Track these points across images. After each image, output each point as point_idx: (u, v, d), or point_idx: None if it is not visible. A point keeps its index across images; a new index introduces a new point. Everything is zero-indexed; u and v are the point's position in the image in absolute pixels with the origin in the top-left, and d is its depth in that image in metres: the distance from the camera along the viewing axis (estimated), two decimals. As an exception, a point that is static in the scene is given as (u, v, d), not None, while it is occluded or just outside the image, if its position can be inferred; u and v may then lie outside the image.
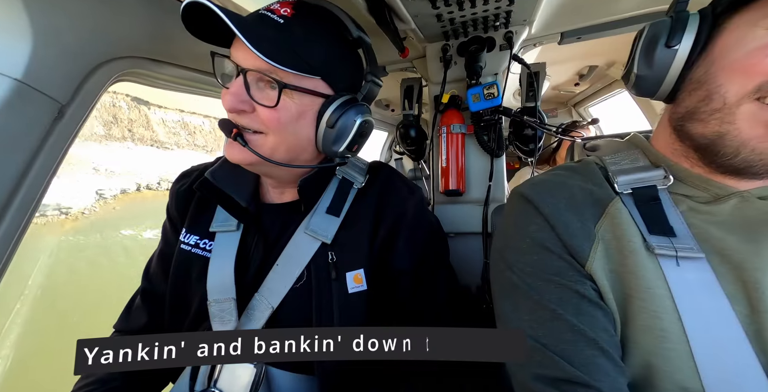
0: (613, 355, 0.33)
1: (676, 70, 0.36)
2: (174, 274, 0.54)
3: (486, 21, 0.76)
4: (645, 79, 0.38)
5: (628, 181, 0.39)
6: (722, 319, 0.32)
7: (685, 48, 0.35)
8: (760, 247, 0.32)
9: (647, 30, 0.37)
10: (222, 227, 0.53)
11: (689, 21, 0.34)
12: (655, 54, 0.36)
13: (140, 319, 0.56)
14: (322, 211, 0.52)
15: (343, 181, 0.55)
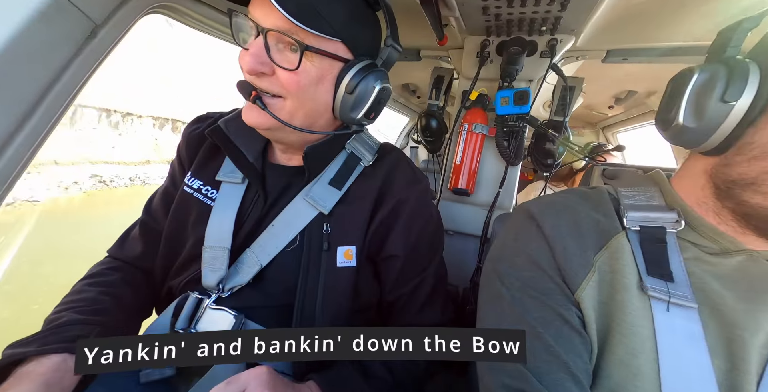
0: (582, 381, 0.35)
1: (728, 127, 0.33)
2: (173, 214, 0.57)
3: (532, 23, 0.76)
4: (689, 131, 0.36)
5: (639, 218, 0.39)
6: (699, 370, 0.33)
7: (743, 104, 0.32)
8: (755, 308, 0.34)
9: (698, 76, 0.35)
10: (228, 177, 0.55)
11: (750, 73, 0.32)
12: (708, 107, 0.34)
13: (135, 249, 0.60)
14: (325, 182, 0.54)
15: (351, 156, 0.56)
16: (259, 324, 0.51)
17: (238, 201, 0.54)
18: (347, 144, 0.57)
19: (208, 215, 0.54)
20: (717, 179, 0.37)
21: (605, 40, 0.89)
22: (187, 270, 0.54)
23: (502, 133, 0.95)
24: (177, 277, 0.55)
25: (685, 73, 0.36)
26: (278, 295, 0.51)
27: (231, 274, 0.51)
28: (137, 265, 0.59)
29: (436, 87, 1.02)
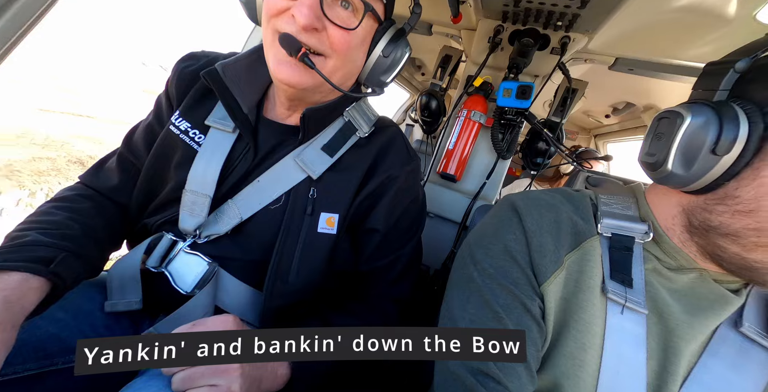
0: (531, 366, 0.39)
1: (713, 176, 0.35)
2: (156, 153, 0.56)
3: (550, 16, 0.77)
4: (676, 176, 0.37)
5: (612, 225, 0.43)
6: (634, 369, 0.38)
7: (731, 157, 0.33)
8: (694, 321, 0.39)
9: (689, 123, 0.35)
10: (218, 124, 0.54)
11: (741, 124, 0.32)
12: (698, 158, 0.34)
13: (110, 180, 0.59)
14: (318, 146, 0.54)
15: (347, 125, 0.56)
16: (233, 275, 0.53)
17: (226, 151, 0.54)
18: (345, 112, 0.56)
19: (193, 159, 0.54)
20: (693, 218, 0.39)
21: (617, 46, 0.91)
22: (164, 211, 0.55)
23: (498, 125, 0.97)
24: (153, 216, 0.56)
25: (675, 116, 0.36)
26: (255, 250, 0.53)
27: (209, 222, 0.52)
28: (111, 197, 0.59)
29: (442, 66, 1.02)
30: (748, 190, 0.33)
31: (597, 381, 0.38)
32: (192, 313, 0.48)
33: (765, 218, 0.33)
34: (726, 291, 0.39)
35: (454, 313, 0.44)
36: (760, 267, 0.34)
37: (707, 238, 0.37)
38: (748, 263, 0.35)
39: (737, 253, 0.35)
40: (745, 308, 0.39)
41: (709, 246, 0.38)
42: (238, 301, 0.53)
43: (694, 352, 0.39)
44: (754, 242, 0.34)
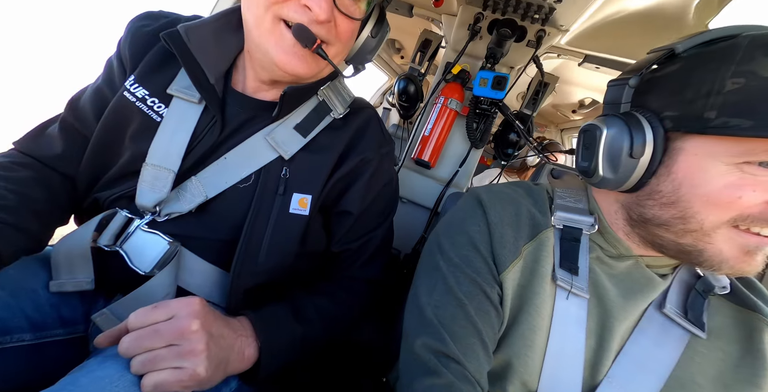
0: (489, 347, 0.43)
1: (637, 176, 0.40)
2: (107, 120, 0.52)
3: (528, 8, 0.80)
4: (608, 180, 0.42)
5: (563, 218, 0.48)
6: (574, 347, 0.43)
7: (646, 158, 0.39)
8: (628, 303, 0.45)
9: (606, 133, 0.41)
10: (183, 94, 0.51)
11: (646, 131, 0.38)
12: (621, 162, 0.40)
13: (52, 148, 0.54)
14: (290, 126, 0.53)
15: (321, 105, 0.56)
16: (197, 254, 0.51)
17: (192, 123, 0.51)
18: (320, 91, 0.56)
19: (153, 130, 0.50)
20: (631, 212, 0.44)
21: (587, 43, 0.97)
22: (119, 185, 0.52)
23: (473, 114, 1.00)
24: (106, 190, 0.52)
25: (595, 129, 0.42)
26: (222, 230, 0.51)
27: (171, 200, 0.50)
28: (54, 167, 0.54)
29: (421, 50, 1.02)
30: (667, 185, 0.39)
31: (543, 359, 0.43)
32: (152, 294, 0.46)
33: (685, 207, 0.38)
34: (655, 276, 0.45)
35: (420, 300, 0.47)
36: (692, 251, 0.39)
37: (646, 229, 0.43)
38: (683, 247, 0.40)
39: (672, 240, 0.40)
40: (669, 292, 0.45)
41: (649, 236, 0.43)
42: (203, 282, 0.52)
43: (626, 330, 0.44)
44: (682, 229, 0.39)
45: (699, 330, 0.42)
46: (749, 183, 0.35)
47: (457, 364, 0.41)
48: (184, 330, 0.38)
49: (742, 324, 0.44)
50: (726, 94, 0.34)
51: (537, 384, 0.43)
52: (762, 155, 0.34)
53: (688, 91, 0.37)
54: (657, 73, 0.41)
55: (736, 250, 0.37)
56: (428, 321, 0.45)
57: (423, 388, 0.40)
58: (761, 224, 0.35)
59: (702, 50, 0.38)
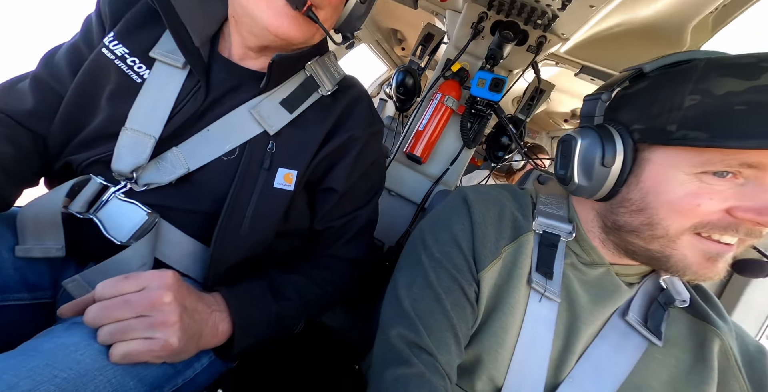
0: (461, 342, 0.45)
1: (609, 185, 0.43)
2: (83, 78, 0.50)
3: (532, 12, 0.81)
4: (583, 188, 0.45)
5: (544, 223, 0.50)
6: (542, 347, 0.45)
7: (617, 168, 0.42)
8: (596, 309, 0.47)
9: (580, 143, 0.44)
10: (166, 58, 0.50)
11: (616, 141, 0.42)
12: (594, 171, 0.43)
13: (23, 103, 0.51)
14: (276, 100, 0.52)
15: (309, 80, 0.55)
16: (177, 227, 0.50)
17: (177, 88, 0.50)
18: (307, 65, 0.55)
19: (133, 92, 0.49)
20: (605, 220, 0.47)
21: (585, 54, 1.00)
22: (93, 148, 0.50)
23: (468, 114, 1.02)
24: (79, 153, 0.50)
25: (571, 139, 0.46)
26: (204, 202, 0.51)
27: (150, 170, 0.49)
28: (24, 124, 0.51)
29: (423, 44, 1.02)
30: (636, 193, 0.42)
31: (512, 357, 0.46)
32: (127, 263, 0.45)
33: (652, 214, 0.41)
34: (623, 284, 0.48)
35: (399, 292, 0.49)
36: (660, 256, 0.42)
37: (619, 236, 0.45)
38: (652, 253, 0.43)
39: (643, 246, 0.43)
40: (633, 301, 0.48)
41: (622, 243, 0.46)
42: (182, 255, 0.51)
43: (591, 335, 0.47)
44: (650, 235, 0.42)
45: (656, 339, 0.45)
46: (707, 192, 0.38)
47: (429, 356, 0.43)
48: (155, 301, 0.37)
49: (696, 334, 0.47)
50: (685, 109, 0.38)
51: (503, 379, 0.46)
52: (717, 165, 0.37)
53: (654, 107, 0.41)
54: (627, 90, 0.45)
55: (699, 256, 0.40)
56: (405, 313, 0.46)
57: (395, 377, 0.41)
58: (720, 231, 0.38)
59: (666, 71, 0.42)
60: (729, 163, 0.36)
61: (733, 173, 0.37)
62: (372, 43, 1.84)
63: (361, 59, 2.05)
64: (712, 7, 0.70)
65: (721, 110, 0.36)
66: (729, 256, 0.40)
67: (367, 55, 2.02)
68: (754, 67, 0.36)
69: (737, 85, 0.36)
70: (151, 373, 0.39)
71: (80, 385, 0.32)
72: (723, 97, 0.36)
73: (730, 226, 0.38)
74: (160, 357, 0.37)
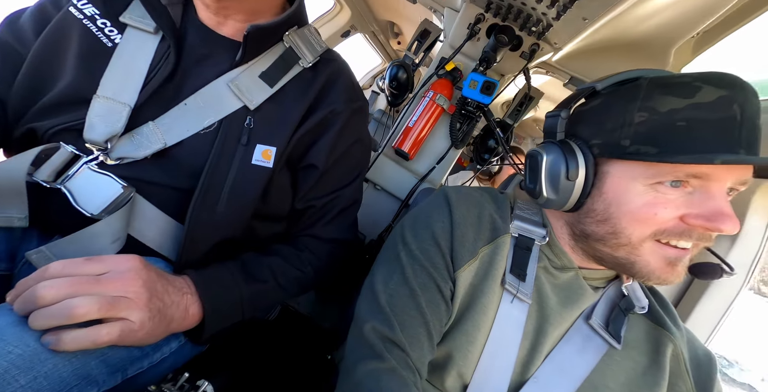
0: (434, 339, 0.46)
1: (575, 197, 0.46)
2: (48, 37, 0.48)
3: (528, 19, 0.83)
4: (552, 200, 0.48)
5: (519, 227, 0.52)
6: (510, 346, 0.47)
7: (581, 180, 0.45)
8: (564, 310, 0.50)
9: (546, 159, 0.47)
10: (137, 23, 0.48)
11: (578, 157, 0.45)
12: (560, 184, 0.46)
13: None
14: (255, 74, 0.51)
15: (289, 52, 0.54)
16: (153, 203, 0.49)
17: (150, 55, 0.48)
18: (285, 37, 0.54)
19: (104, 57, 0.47)
20: (574, 228, 0.50)
21: (574, 65, 1.03)
22: (60, 115, 0.47)
23: (459, 114, 1.04)
24: (44, 120, 0.48)
25: (537, 154, 0.48)
26: (180, 177, 0.49)
27: (124, 142, 0.47)
28: None
29: (419, 40, 1.03)
30: (599, 204, 0.45)
31: (480, 355, 0.47)
32: (99, 238, 0.44)
33: (615, 223, 0.44)
34: (589, 288, 0.51)
35: (376, 287, 0.49)
36: (625, 263, 0.45)
37: (587, 244, 0.48)
38: (618, 260, 0.45)
39: (609, 253, 0.46)
40: (597, 306, 0.51)
41: (591, 250, 0.48)
42: (157, 232, 0.50)
43: (557, 336, 0.50)
44: (615, 243, 0.44)
45: (615, 342, 0.48)
46: (662, 201, 0.41)
47: (401, 351, 0.44)
48: (122, 284, 0.36)
49: (653, 338, 0.50)
50: (636, 126, 0.41)
51: (471, 376, 0.47)
52: (668, 176, 0.40)
53: (608, 123, 0.44)
54: (584, 107, 0.49)
55: (661, 262, 0.43)
56: (380, 308, 0.47)
57: (367, 370, 0.42)
58: (676, 237, 0.42)
59: (616, 89, 0.45)
60: (677, 174, 0.40)
61: (683, 182, 0.41)
62: (368, 34, 1.83)
63: (356, 49, 2.03)
64: (694, 32, 0.74)
65: (665, 126, 0.40)
66: (686, 260, 0.44)
67: (363, 46, 2.00)
68: (690, 87, 0.40)
69: (677, 102, 0.40)
70: (116, 354, 0.38)
71: (37, 362, 0.31)
72: (667, 114, 0.40)
73: (684, 232, 0.41)
74: (127, 342, 0.37)
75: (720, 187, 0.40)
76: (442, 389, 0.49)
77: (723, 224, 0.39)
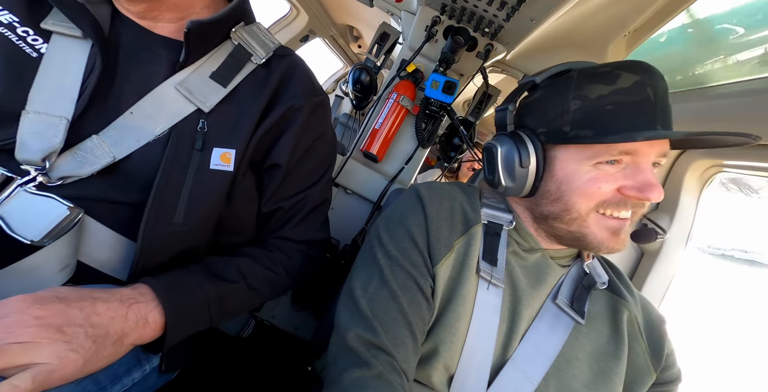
0: (418, 339, 0.47)
1: (530, 182, 0.50)
2: None
3: (480, 21, 0.88)
4: (510, 188, 0.52)
5: (488, 214, 0.55)
6: (489, 331, 0.48)
7: (533, 166, 0.49)
8: (535, 291, 0.53)
9: (500, 150, 0.51)
10: (62, 27, 0.44)
11: (529, 146, 0.49)
12: (515, 172, 0.50)
13: None
14: (205, 74, 0.49)
15: (239, 49, 0.52)
16: (103, 222, 0.45)
17: (82, 62, 0.44)
18: (233, 34, 0.52)
19: (30, 69, 0.43)
20: (534, 212, 0.54)
21: (526, 64, 1.10)
22: None
23: (423, 114, 1.06)
24: None
25: (492, 147, 0.53)
26: (133, 191, 0.46)
27: (66, 160, 0.43)
28: None
29: (379, 43, 1.05)
30: (551, 185, 0.50)
31: (463, 344, 0.49)
32: (41, 268, 0.40)
33: (566, 200, 0.49)
34: (557, 265, 0.55)
35: (355, 292, 0.49)
36: (579, 236, 0.50)
37: (547, 224, 0.52)
38: (573, 234, 0.50)
39: (566, 229, 0.50)
40: (562, 286, 0.54)
41: (550, 229, 0.52)
42: (110, 254, 0.46)
43: (530, 317, 0.52)
44: (569, 218, 0.49)
45: (580, 318, 0.52)
46: (603, 176, 0.47)
47: (387, 355, 0.44)
48: (5, 331, 0.32)
49: (612, 308, 0.55)
50: (573, 113, 0.47)
51: (456, 367, 0.48)
52: (605, 155, 0.46)
53: (549, 112, 0.50)
54: (527, 100, 0.54)
55: (606, 232, 0.49)
56: (362, 313, 0.47)
57: (352, 379, 0.42)
58: (614, 208, 0.47)
59: (553, 81, 0.51)
60: (612, 152, 0.46)
61: (617, 160, 0.46)
62: (327, 38, 1.83)
63: (317, 54, 2.02)
64: (626, 31, 0.82)
65: (597, 111, 0.46)
66: (627, 229, 0.50)
67: (323, 50, 2.00)
68: (612, 74, 0.46)
69: (604, 89, 0.46)
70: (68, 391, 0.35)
71: None
72: (596, 100, 0.46)
73: (621, 202, 0.47)
74: (55, 383, 0.33)
75: (646, 162, 0.46)
76: (429, 384, 0.49)
77: (651, 193, 0.45)
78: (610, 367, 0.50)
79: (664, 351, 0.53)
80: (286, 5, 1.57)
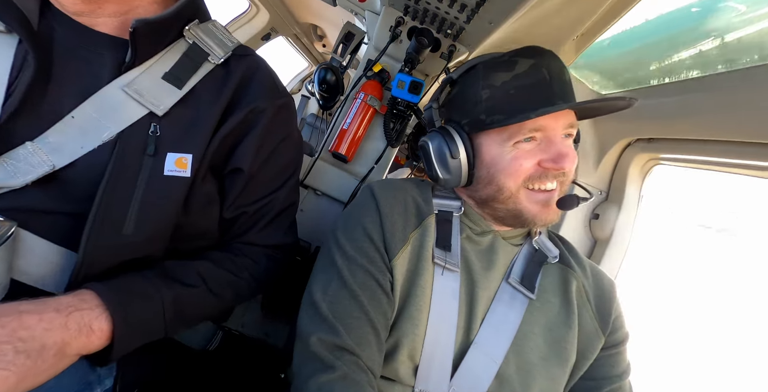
0: (381, 335, 0.48)
1: (465, 171, 0.54)
2: None
3: (443, 22, 0.90)
4: (448, 179, 0.56)
5: (439, 204, 0.57)
6: (449, 317, 0.50)
7: (464, 156, 0.54)
8: (489, 273, 0.55)
9: (431, 145, 0.56)
10: None
11: (456, 138, 0.54)
12: (449, 164, 0.54)
13: None
14: (157, 75, 0.47)
15: (194, 48, 0.50)
16: (42, 234, 0.41)
17: (8, 61, 0.41)
18: (186, 32, 0.49)
19: None
20: (475, 198, 0.57)
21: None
22: None
23: (391, 114, 1.07)
24: None
25: (424, 143, 0.57)
26: (75, 201, 0.43)
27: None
28: None
29: (344, 43, 1.04)
30: (482, 170, 0.55)
31: (425, 332, 0.50)
32: None
33: (497, 182, 0.53)
34: (509, 246, 0.58)
35: (315, 296, 0.49)
36: (516, 214, 0.54)
37: (489, 206, 0.56)
38: (511, 212, 0.54)
39: (504, 208, 0.54)
40: (515, 264, 0.57)
41: (493, 211, 0.56)
42: (48, 269, 0.42)
43: (489, 298, 0.54)
44: (503, 198, 0.53)
45: (530, 293, 0.54)
46: (522, 154, 0.51)
47: (351, 355, 0.44)
48: None
49: (563, 279, 0.58)
50: (485, 101, 0.52)
51: (420, 356, 0.49)
52: (519, 135, 0.51)
53: (467, 104, 0.54)
54: (449, 96, 0.59)
55: (537, 206, 0.53)
56: (323, 317, 0.46)
57: (318, 385, 0.42)
58: (541, 181, 0.52)
59: (466, 75, 0.56)
60: (524, 131, 0.50)
61: (531, 137, 0.51)
62: (290, 37, 1.79)
63: (281, 53, 1.97)
64: (574, 35, 0.88)
65: (503, 97, 0.51)
66: (554, 199, 0.54)
67: (287, 49, 1.95)
68: (510, 62, 0.52)
69: (506, 76, 0.51)
70: None
71: None
72: (501, 87, 0.51)
73: (542, 175, 0.51)
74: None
75: (556, 135, 0.51)
76: (396, 379, 0.50)
77: (564, 162, 0.49)
78: (561, 336, 0.53)
79: (612, 315, 0.57)
80: (245, 2, 1.52)
